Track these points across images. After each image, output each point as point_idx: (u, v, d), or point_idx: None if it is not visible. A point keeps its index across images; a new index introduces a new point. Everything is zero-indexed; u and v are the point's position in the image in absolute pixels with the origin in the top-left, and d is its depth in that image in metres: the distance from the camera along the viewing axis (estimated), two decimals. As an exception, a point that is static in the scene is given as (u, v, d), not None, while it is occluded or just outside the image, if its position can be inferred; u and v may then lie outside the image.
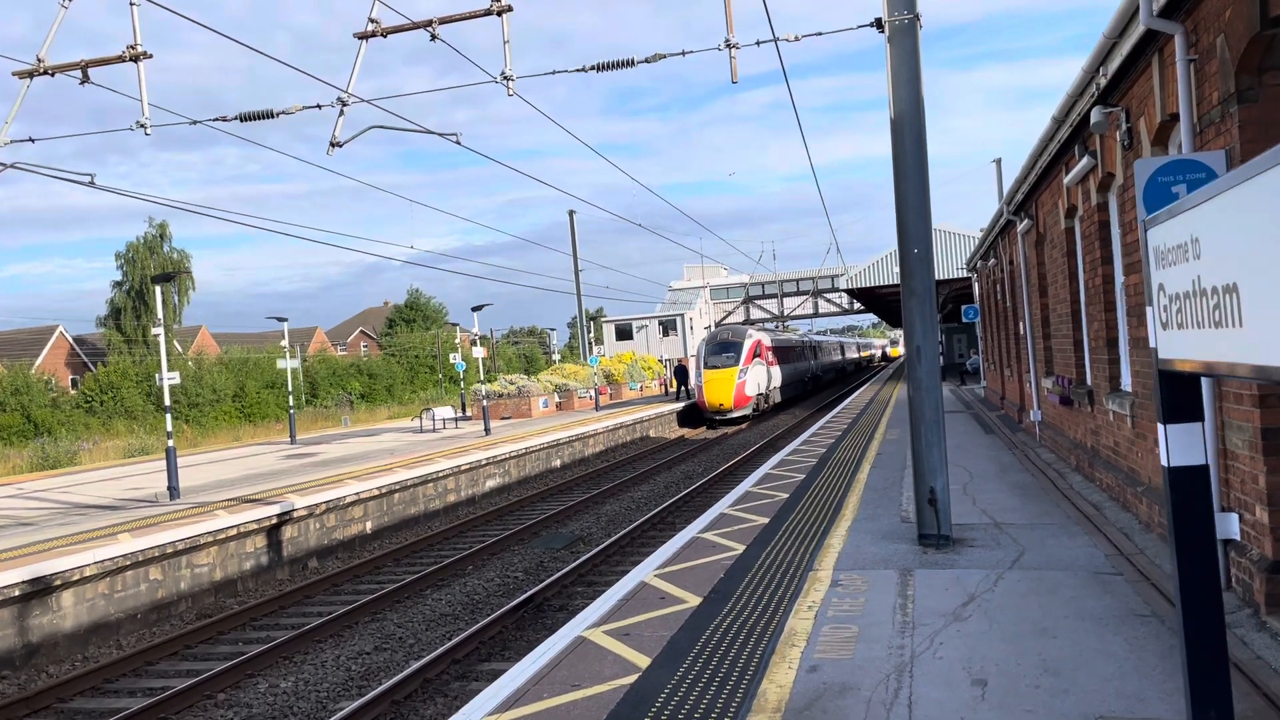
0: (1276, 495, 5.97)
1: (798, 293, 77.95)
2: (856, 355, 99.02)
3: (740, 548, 9.48)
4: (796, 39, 9.13)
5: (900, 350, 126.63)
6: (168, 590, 13.49)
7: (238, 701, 9.55)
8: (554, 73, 9.62)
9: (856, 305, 70.57)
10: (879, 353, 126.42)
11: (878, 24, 9.03)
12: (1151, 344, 4.32)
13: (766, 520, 10.92)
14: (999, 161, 45.47)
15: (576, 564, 13.61)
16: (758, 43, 9.17)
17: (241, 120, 10.83)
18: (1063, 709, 4.92)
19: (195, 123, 10.90)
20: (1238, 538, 6.57)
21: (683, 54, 9.41)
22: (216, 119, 10.62)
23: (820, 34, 9.00)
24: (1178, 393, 4.23)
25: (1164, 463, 4.30)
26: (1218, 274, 3.38)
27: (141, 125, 11.00)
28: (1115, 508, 10.34)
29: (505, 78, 9.83)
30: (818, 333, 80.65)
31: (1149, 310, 4.35)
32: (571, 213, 53.32)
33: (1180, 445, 4.23)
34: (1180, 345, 3.95)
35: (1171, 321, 4.03)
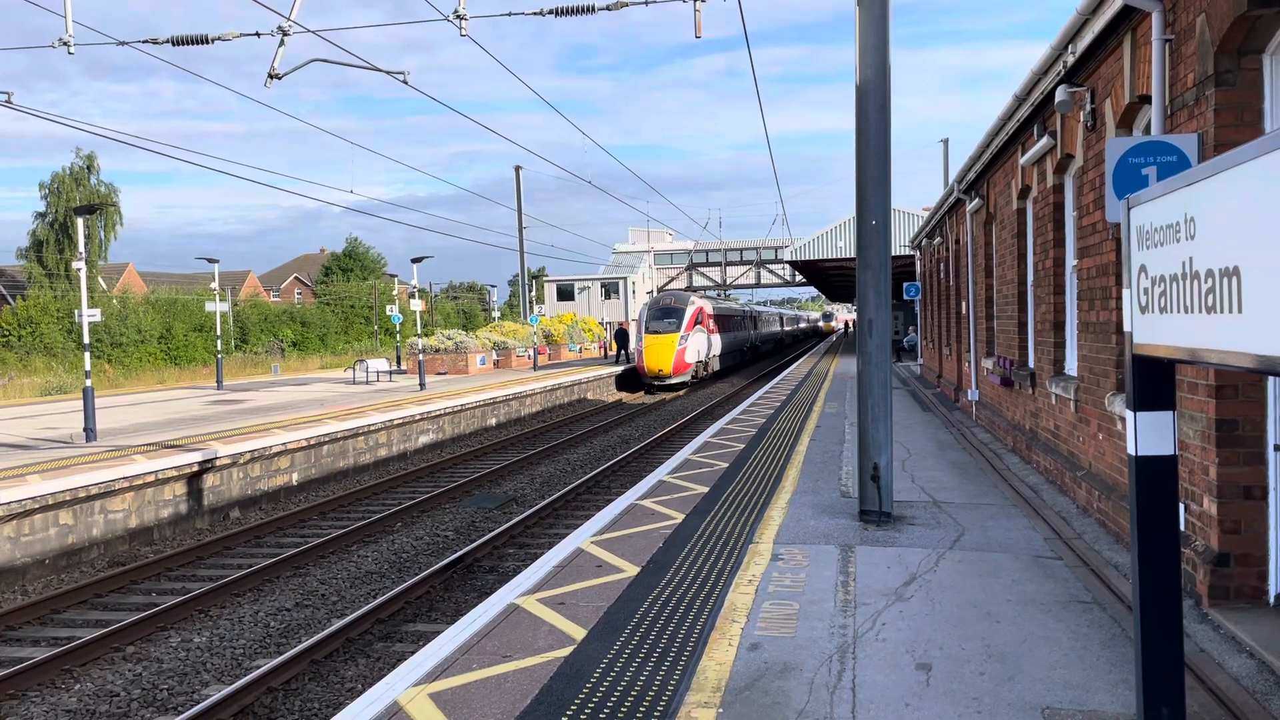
0: (1227, 487, 5.91)
1: (741, 262, 78.04)
2: (794, 328, 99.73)
3: (679, 516, 9.28)
4: (764, -5, 8.82)
5: (834, 325, 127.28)
6: (79, 536, 12.91)
7: (147, 655, 9.12)
8: (509, 14, 9.18)
9: (798, 277, 70.88)
10: (813, 327, 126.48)
11: (848, -15, 8.73)
12: (1126, 328, 4.14)
13: (706, 489, 10.74)
14: (946, 141, 45.88)
15: (509, 525, 13.34)
16: (724, -4, 8.82)
17: (174, 44, 10.16)
18: (1009, 698, 4.79)
19: (123, 44, 10.19)
20: (1182, 529, 6.52)
21: (646, 3, 9.01)
22: (147, 41, 9.96)
23: (789, -9, 8.71)
24: (1152, 380, 4.06)
25: (1131, 451, 4.14)
26: (1215, 256, 3.19)
27: (64, 43, 10.28)
28: (1053, 491, 10.35)
29: (458, 16, 9.34)
30: (758, 303, 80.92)
31: (1125, 293, 4.16)
32: (518, 168, 52.46)
33: (1150, 434, 4.07)
34: (1161, 330, 3.77)
35: (1153, 305, 3.84)
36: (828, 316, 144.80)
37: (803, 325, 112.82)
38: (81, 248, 18.86)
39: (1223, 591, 5.93)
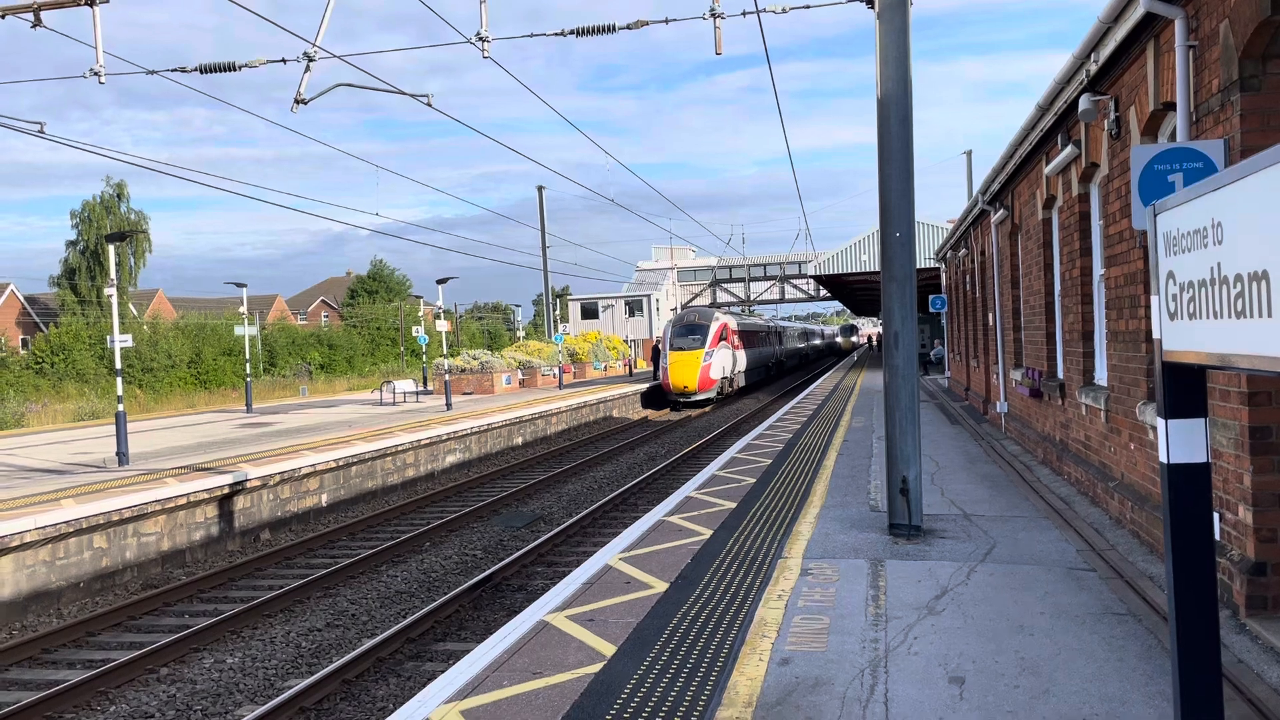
0: (1262, 495, 5.84)
1: (765, 277, 77.95)
2: (819, 343, 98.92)
3: (707, 532, 9.26)
4: (784, 11, 8.85)
5: (854, 341, 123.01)
6: (112, 559, 13.05)
7: (181, 677, 9.20)
8: (531, 35, 9.27)
9: (823, 292, 70.70)
10: (830, 344, 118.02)
11: (868, -1, 8.77)
12: (1155, 335, 4.11)
13: (734, 505, 10.72)
14: (969, 153, 45.75)
15: (537, 544, 13.35)
16: (744, 13, 8.88)
17: (202, 72, 10.35)
18: (1044, 711, 4.74)
19: (153, 73, 10.39)
20: (1217, 538, 6.44)
21: (666, 21, 9.08)
22: (176, 69, 10.14)
23: (809, 6, 8.72)
24: (1182, 387, 4.03)
25: (1163, 460, 4.10)
26: (1243, 260, 3.17)
27: (95, 73, 10.49)
28: (1084, 502, 10.25)
29: (480, 39, 9.45)
30: (783, 319, 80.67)
31: (1154, 299, 4.13)
32: (541, 188, 52.79)
33: (1182, 442, 4.03)
34: (1191, 336, 3.75)
35: (1181, 311, 3.82)
36: (847, 330, 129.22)
37: (820, 341, 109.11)
38: (112, 274, 19.16)
39: (1260, 601, 5.85)
